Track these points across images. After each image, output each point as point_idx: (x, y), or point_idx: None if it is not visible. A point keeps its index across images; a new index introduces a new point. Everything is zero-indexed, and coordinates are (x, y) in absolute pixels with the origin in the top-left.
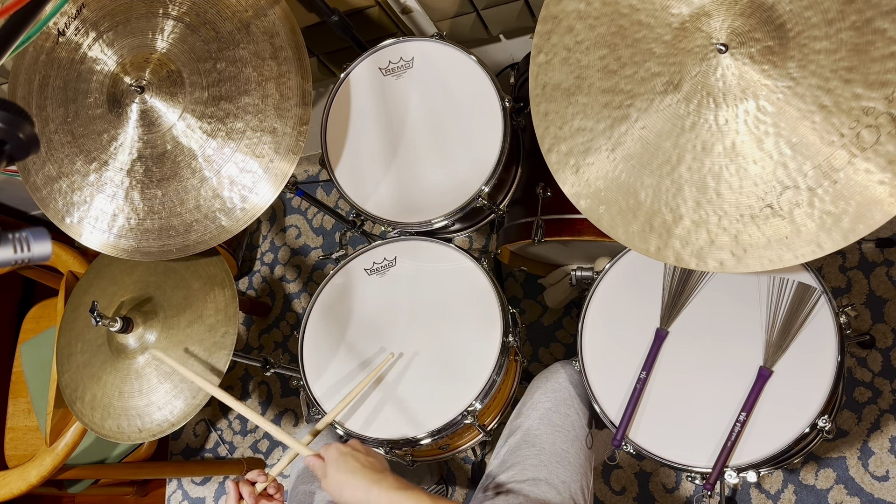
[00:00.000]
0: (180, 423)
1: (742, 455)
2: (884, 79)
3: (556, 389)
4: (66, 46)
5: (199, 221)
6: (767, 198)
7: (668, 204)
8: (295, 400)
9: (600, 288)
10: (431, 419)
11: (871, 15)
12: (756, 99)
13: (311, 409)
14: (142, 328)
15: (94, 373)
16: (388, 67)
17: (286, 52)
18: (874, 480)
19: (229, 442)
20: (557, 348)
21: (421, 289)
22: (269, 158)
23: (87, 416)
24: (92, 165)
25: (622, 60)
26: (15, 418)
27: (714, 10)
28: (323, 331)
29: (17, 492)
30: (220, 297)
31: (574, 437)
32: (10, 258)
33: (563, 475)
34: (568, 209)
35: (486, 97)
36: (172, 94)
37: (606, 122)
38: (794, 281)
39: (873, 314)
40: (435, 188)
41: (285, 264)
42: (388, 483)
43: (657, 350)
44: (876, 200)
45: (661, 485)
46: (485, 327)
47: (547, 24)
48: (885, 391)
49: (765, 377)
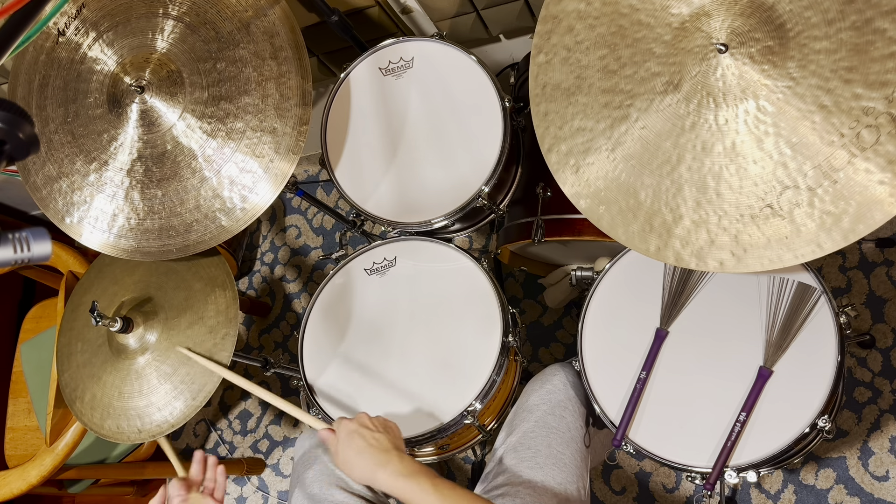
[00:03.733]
0: (179, 424)
1: (742, 455)
2: (884, 79)
3: (551, 391)
4: (66, 46)
5: (199, 221)
6: (767, 198)
7: (668, 204)
8: (295, 400)
9: (600, 288)
10: (431, 419)
11: (871, 15)
12: (756, 99)
13: (311, 409)
14: (142, 328)
15: (94, 372)
16: (388, 67)
17: (286, 52)
18: (874, 480)
19: (229, 442)
20: (557, 348)
21: (421, 289)
22: (269, 158)
23: (86, 416)
24: (92, 165)
25: (622, 60)
26: (15, 418)
27: (714, 10)
28: (323, 331)
29: (17, 492)
30: (221, 298)
31: (570, 437)
32: (10, 258)
33: (560, 476)
34: (568, 209)
35: (486, 97)
36: (172, 94)
37: (606, 122)
38: (794, 281)
39: (873, 314)
40: (435, 188)
41: (285, 264)
42: (392, 467)
43: (657, 350)
44: (876, 200)
45: (661, 485)
46: (485, 327)
47: (547, 24)
48: (885, 391)
49: (765, 377)
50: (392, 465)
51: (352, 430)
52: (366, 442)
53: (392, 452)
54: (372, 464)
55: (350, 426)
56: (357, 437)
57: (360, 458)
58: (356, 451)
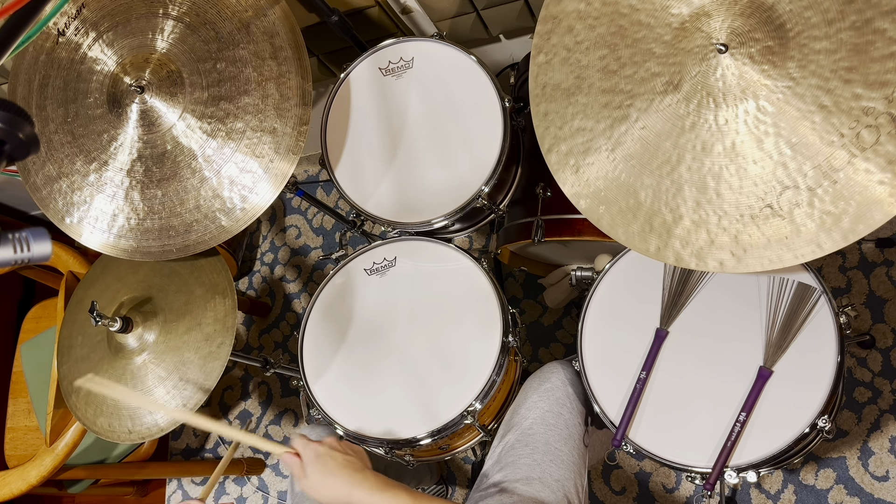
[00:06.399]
0: (169, 429)
1: (742, 455)
2: (884, 79)
3: (549, 389)
4: (66, 46)
5: (199, 221)
6: (767, 198)
7: (668, 204)
8: (295, 400)
9: (600, 288)
10: (431, 419)
11: (871, 15)
12: (756, 99)
13: (311, 409)
14: (141, 328)
15: (92, 368)
16: (388, 67)
17: (286, 52)
18: (874, 480)
19: (229, 442)
20: (557, 348)
21: (421, 289)
22: (269, 158)
23: (80, 411)
24: (92, 165)
25: (622, 60)
26: (15, 418)
27: (714, 10)
28: (323, 331)
29: (17, 492)
30: (220, 306)
31: (567, 435)
32: (10, 258)
33: (557, 474)
34: (568, 209)
35: (486, 97)
36: (172, 94)
37: (606, 122)
38: (794, 281)
39: (873, 314)
40: (435, 188)
41: (285, 264)
42: (369, 484)
43: (657, 350)
44: (876, 200)
45: (661, 485)
46: (485, 327)
47: (547, 24)
48: (885, 391)
49: (765, 377)
50: (367, 482)
51: (321, 452)
52: (337, 463)
53: (366, 471)
54: (347, 484)
55: (319, 449)
56: (328, 458)
57: (333, 479)
58: (328, 472)
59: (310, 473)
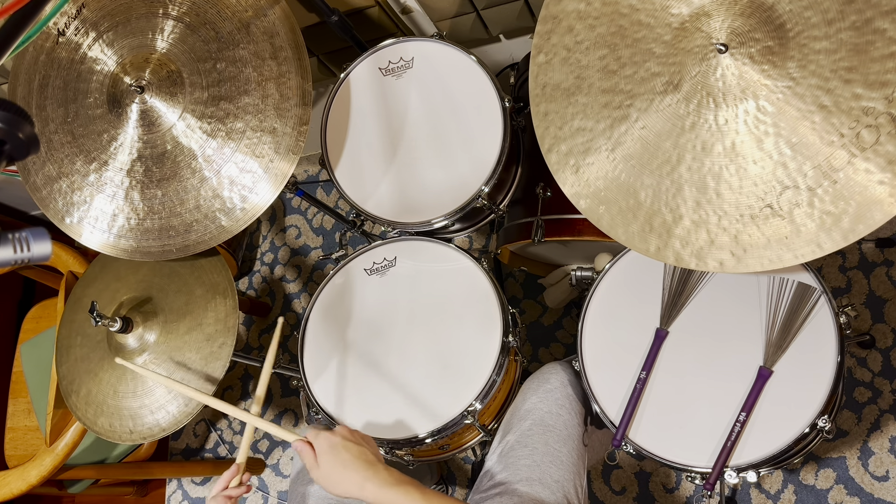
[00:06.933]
0: (171, 430)
1: (742, 455)
2: (884, 79)
3: (549, 390)
4: (66, 46)
5: (199, 221)
6: (767, 198)
7: (668, 204)
8: (295, 400)
9: (600, 288)
10: (431, 419)
11: (871, 15)
12: (756, 99)
13: (311, 408)
14: (141, 328)
15: (92, 368)
16: (388, 67)
17: (286, 52)
18: (874, 480)
19: (229, 442)
20: (557, 348)
21: (421, 289)
22: (268, 158)
23: (80, 411)
24: (92, 165)
25: (622, 60)
26: (15, 418)
27: (714, 10)
28: (323, 331)
29: (17, 492)
30: (221, 306)
31: (567, 436)
32: (10, 258)
33: (557, 474)
34: (568, 209)
35: (486, 97)
36: (172, 94)
37: (606, 122)
38: (794, 281)
39: (873, 314)
40: (435, 188)
41: (285, 264)
42: (380, 478)
43: (657, 350)
44: (876, 200)
45: (661, 485)
46: (485, 327)
47: (547, 24)
48: (885, 391)
49: (765, 377)
50: (380, 476)
51: (335, 442)
52: (351, 454)
53: (378, 464)
54: (360, 476)
55: (333, 439)
56: (342, 449)
57: (346, 470)
58: (342, 464)
59: (322, 464)
